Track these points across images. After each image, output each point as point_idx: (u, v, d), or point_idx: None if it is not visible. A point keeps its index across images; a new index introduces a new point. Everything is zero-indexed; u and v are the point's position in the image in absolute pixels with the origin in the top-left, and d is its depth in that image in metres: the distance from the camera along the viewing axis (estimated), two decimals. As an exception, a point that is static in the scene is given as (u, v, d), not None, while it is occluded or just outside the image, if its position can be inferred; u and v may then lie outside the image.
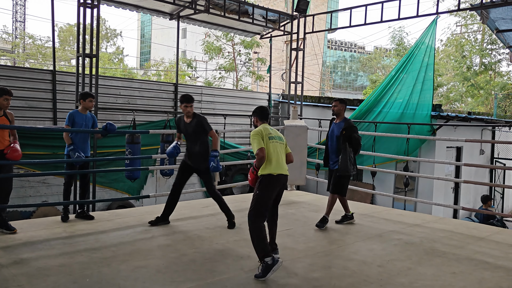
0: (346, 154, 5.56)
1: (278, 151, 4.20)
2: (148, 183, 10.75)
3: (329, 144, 5.88)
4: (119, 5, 9.99)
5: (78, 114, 5.69)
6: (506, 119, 14.44)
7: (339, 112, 5.82)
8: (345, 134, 5.59)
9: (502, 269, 4.27)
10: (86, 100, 5.70)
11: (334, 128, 5.83)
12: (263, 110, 4.40)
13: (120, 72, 34.99)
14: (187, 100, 5.50)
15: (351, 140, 5.59)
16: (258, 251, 3.89)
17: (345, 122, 5.72)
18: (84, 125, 5.71)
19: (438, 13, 9.28)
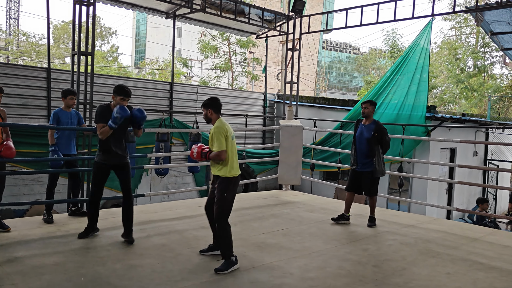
0: (380, 156, 5.66)
1: (235, 151, 4.17)
2: (143, 182, 10.72)
3: (358, 147, 5.87)
4: (115, 3, 9.95)
5: (62, 112, 5.64)
6: (499, 121, 14.55)
7: (369, 114, 5.84)
8: (377, 136, 5.64)
9: (495, 270, 4.30)
10: (67, 98, 5.66)
11: (363, 130, 5.83)
12: (217, 101, 4.23)
13: (114, 70, 34.84)
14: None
15: (382, 142, 5.66)
16: (226, 249, 4.01)
17: (375, 125, 5.75)
18: (70, 123, 5.65)
19: (433, 15, 9.33)
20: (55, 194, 5.86)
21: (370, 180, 5.79)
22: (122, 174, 4.98)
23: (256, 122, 13.51)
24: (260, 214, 6.39)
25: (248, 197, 7.90)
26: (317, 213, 6.66)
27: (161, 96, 11.27)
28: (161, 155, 8.91)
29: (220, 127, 4.09)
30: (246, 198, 7.72)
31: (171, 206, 6.80)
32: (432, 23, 10.00)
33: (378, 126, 5.71)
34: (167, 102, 11.33)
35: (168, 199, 10.41)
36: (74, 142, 5.80)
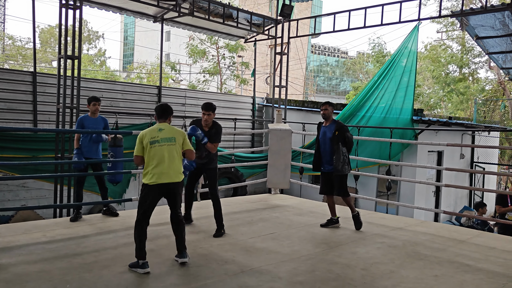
0: (340, 154, 5.66)
1: (161, 156, 4.09)
2: (131, 186, 10.61)
3: (322, 148, 5.91)
4: (102, 6, 9.89)
5: (87, 118, 5.97)
6: (485, 124, 14.75)
7: (329, 115, 5.89)
8: (338, 134, 5.68)
9: (482, 272, 4.34)
10: (90, 104, 5.97)
11: (326, 131, 5.88)
12: (160, 108, 4.33)
13: (102, 74, 34.60)
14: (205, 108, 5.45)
15: (344, 140, 5.69)
16: (136, 250, 4.04)
17: (336, 124, 5.81)
18: (94, 128, 5.94)
19: (420, 19, 9.44)
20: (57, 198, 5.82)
21: (336, 180, 5.80)
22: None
23: (245, 126, 13.50)
24: (249, 218, 6.37)
25: (237, 201, 7.88)
26: (306, 217, 6.66)
27: (149, 100, 11.21)
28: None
29: (140, 133, 4.26)
30: (235, 202, 7.69)
31: (159, 211, 6.70)
32: (419, 27, 10.11)
33: (338, 124, 5.78)
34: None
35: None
36: (98, 146, 6.07)
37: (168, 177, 4.12)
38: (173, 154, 4.14)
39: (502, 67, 12.17)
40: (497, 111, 23.16)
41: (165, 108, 4.31)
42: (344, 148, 5.72)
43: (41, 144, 8.87)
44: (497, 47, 10.30)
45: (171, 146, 4.13)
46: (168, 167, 4.11)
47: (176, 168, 4.18)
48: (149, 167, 4.11)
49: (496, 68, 19.07)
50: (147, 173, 4.13)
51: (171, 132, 4.18)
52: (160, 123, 4.26)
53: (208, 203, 7.36)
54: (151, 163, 4.09)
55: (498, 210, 7.58)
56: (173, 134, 4.18)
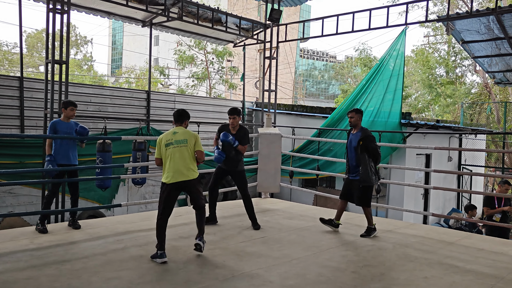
0: (366, 165, 5.56)
1: (174, 157, 4.53)
2: (120, 192, 10.53)
3: (349, 155, 5.89)
4: (90, 11, 9.83)
5: (60, 122, 5.71)
6: (472, 127, 14.94)
7: (356, 123, 5.79)
8: (362, 144, 5.59)
9: (471, 273, 4.38)
10: (68, 109, 5.73)
11: (352, 139, 5.81)
12: (176, 113, 4.82)
13: (89, 79, 34.34)
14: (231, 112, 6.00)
15: (368, 150, 5.59)
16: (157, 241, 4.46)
17: (361, 132, 5.70)
18: (67, 133, 5.68)
19: (406, 23, 9.54)
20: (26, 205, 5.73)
21: (358, 190, 5.71)
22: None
23: (235, 130, 13.48)
24: (239, 223, 6.35)
25: (228, 205, 7.86)
26: (296, 220, 6.67)
27: (138, 105, 11.15)
28: (138, 164, 8.78)
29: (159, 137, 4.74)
30: (226, 206, 7.67)
31: (149, 216, 6.69)
32: (406, 31, 10.21)
33: (363, 133, 5.66)
34: (144, 111, 11.22)
35: (146, 209, 10.25)
36: (73, 152, 5.75)
37: (182, 176, 4.52)
38: (185, 155, 4.54)
39: (488, 71, 12.35)
40: (483, 114, 23.48)
41: (181, 113, 4.78)
42: (370, 158, 5.60)
43: (28, 150, 8.76)
44: (482, 51, 10.45)
45: (183, 147, 4.54)
46: (181, 166, 4.51)
47: (188, 166, 4.55)
48: (165, 167, 4.57)
49: (482, 72, 19.34)
50: (164, 172, 4.59)
51: (184, 134, 4.61)
52: (176, 126, 4.74)
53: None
54: (166, 163, 4.56)
55: (485, 212, 7.67)
56: (186, 136, 4.60)
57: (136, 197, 10.75)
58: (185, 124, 4.77)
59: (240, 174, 6.11)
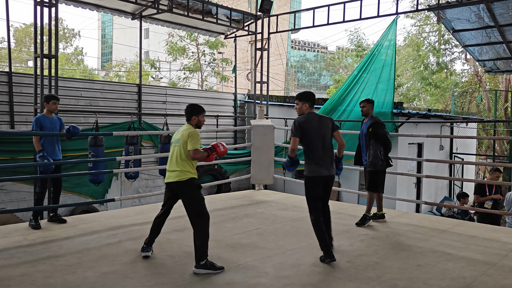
0: (374, 150, 5.71)
1: (170, 156, 4.27)
2: (113, 186, 10.50)
3: (361, 144, 6.00)
4: (78, 4, 9.70)
5: (45, 118, 5.62)
6: (463, 115, 15.05)
7: (367, 112, 5.88)
8: (371, 131, 5.70)
9: (463, 260, 4.43)
10: (50, 103, 5.62)
11: (363, 128, 5.92)
12: (185, 109, 4.39)
13: (79, 73, 34.01)
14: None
15: (377, 136, 5.68)
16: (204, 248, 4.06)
17: (371, 119, 5.81)
18: (52, 128, 5.61)
19: (397, 13, 9.55)
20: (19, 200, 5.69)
21: (368, 175, 5.84)
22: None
23: (227, 123, 13.47)
24: (233, 215, 6.36)
25: (221, 198, 7.87)
26: (290, 211, 6.70)
27: (129, 99, 11.08)
28: (130, 158, 8.75)
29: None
30: (219, 199, 7.68)
31: (143, 210, 6.68)
32: (397, 21, 10.22)
33: (373, 120, 5.79)
34: (136, 105, 11.14)
35: (140, 203, 10.22)
36: (58, 147, 5.73)
37: (169, 177, 4.23)
38: (175, 154, 4.19)
39: (478, 59, 12.42)
40: (474, 102, 23.65)
41: (188, 109, 4.35)
42: (378, 144, 5.69)
43: (19, 145, 8.68)
44: (473, 39, 10.50)
45: (176, 146, 4.22)
46: (170, 166, 4.23)
47: (174, 167, 4.17)
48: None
49: (472, 60, 19.45)
50: None
51: (181, 132, 4.24)
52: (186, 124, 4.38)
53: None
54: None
55: (476, 200, 7.76)
56: (181, 134, 4.21)
57: (129, 191, 10.72)
58: (194, 120, 4.28)
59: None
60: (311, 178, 4.42)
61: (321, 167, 4.41)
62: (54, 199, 5.85)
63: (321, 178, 4.42)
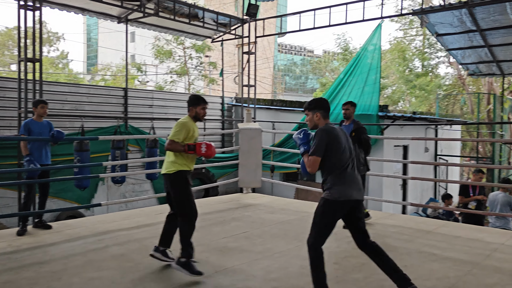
0: (357, 155, 5.59)
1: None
2: (99, 191, 10.40)
3: None
4: (63, 7, 9.60)
5: (34, 122, 5.61)
6: (447, 118, 15.28)
7: (350, 115, 5.87)
8: (354, 136, 5.64)
9: (448, 260, 4.50)
10: (38, 107, 5.62)
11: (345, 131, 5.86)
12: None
13: (64, 77, 33.65)
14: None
15: (360, 141, 5.64)
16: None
17: (354, 124, 5.77)
18: (41, 133, 5.59)
19: (382, 17, 9.65)
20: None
21: None
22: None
23: (215, 126, 13.45)
24: (221, 219, 6.36)
25: (209, 202, 7.85)
26: (278, 214, 6.71)
27: (116, 103, 11.00)
28: (117, 163, 8.68)
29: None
30: (207, 203, 7.66)
31: (129, 214, 6.64)
32: (382, 25, 10.34)
33: (356, 125, 5.75)
34: (122, 109, 11.07)
35: (126, 208, 10.14)
36: (47, 152, 5.69)
37: (162, 169, 4.13)
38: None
39: (461, 62, 12.63)
40: (458, 105, 24.02)
41: (188, 100, 4.21)
42: (361, 149, 5.66)
43: (3, 151, 8.56)
44: (456, 43, 10.68)
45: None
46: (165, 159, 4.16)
47: (165, 159, 4.11)
48: None
49: (456, 63, 19.76)
50: None
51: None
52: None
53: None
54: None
55: (460, 201, 7.87)
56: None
57: (116, 196, 10.63)
58: (192, 111, 4.15)
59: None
60: (337, 203, 3.40)
61: (350, 188, 3.43)
62: (40, 204, 5.79)
63: (349, 202, 3.44)
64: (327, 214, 3.43)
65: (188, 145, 4.00)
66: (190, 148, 4.00)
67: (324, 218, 3.44)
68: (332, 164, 3.42)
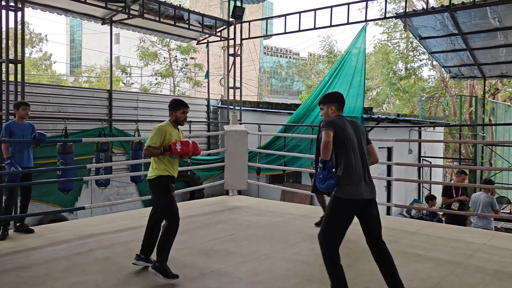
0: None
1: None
2: (83, 194, 10.26)
3: (317, 147, 5.96)
4: (46, 8, 9.49)
5: (15, 124, 5.52)
6: (430, 120, 15.50)
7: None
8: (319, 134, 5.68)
9: (432, 260, 4.56)
10: (20, 109, 5.54)
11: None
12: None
13: (47, 78, 33.17)
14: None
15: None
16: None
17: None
18: (23, 135, 5.50)
19: (366, 20, 9.77)
20: None
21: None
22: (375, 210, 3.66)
23: (200, 128, 13.41)
24: (207, 221, 6.33)
25: (195, 204, 7.81)
26: (264, 217, 6.71)
27: (100, 105, 10.88)
28: (101, 165, 8.59)
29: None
30: (193, 205, 7.62)
31: (114, 218, 6.56)
32: (366, 28, 10.45)
33: (321, 123, 5.77)
34: (106, 111, 10.95)
35: (111, 211, 10.03)
36: (29, 155, 5.61)
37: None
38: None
39: (444, 65, 12.84)
40: (440, 107, 24.38)
41: (168, 105, 4.24)
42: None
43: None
44: (438, 46, 10.86)
45: None
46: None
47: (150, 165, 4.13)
48: None
49: (439, 66, 20.07)
50: None
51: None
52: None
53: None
54: None
55: (443, 202, 7.99)
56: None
57: (100, 199, 10.50)
58: (172, 116, 4.19)
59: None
60: (348, 201, 3.37)
61: (361, 187, 3.41)
62: (22, 208, 5.69)
63: (360, 201, 3.42)
64: (335, 211, 3.43)
65: (163, 147, 3.97)
66: (165, 149, 3.97)
67: (333, 215, 3.44)
68: (340, 158, 3.41)
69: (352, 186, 3.36)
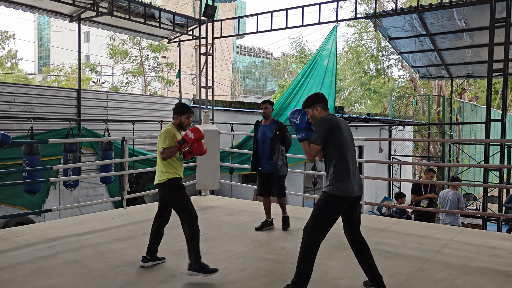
0: (280, 154, 5.58)
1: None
2: (51, 196, 9.97)
3: (260, 148, 5.79)
4: (10, 4, 9.16)
5: None
6: (400, 119, 15.83)
7: (269, 114, 5.82)
8: (278, 134, 5.60)
9: (401, 257, 4.65)
10: None
11: (265, 130, 5.74)
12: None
13: (13, 77, 32.12)
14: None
15: (285, 140, 5.64)
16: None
17: (276, 123, 5.72)
18: None
19: (337, 20, 9.89)
20: None
21: (277, 181, 5.73)
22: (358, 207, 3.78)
23: (172, 128, 13.25)
24: (178, 221, 6.24)
25: (166, 204, 7.71)
26: (236, 216, 6.70)
27: (68, 104, 10.59)
28: (69, 166, 8.38)
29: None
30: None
31: (83, 219, 6.41)
32: (337, 28, 10.58)
33: (279, 124, 5.72)
34: (75, 110, 10.68)
35: (80, 213, 9.80)
36: None
37: (155, 179, 4.26)
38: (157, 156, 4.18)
39: (413, 65, 13.14)
40: (410, 106, 24.94)
41: (173, 108, 4.36)
42: (283, 148, 5.63)
43: None
44: (407, 47, 11.10)
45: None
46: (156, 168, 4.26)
47: (157, 169, 4.23)
48: None
49: (408, 66, 20.53)
50: None
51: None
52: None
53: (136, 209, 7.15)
54: None
55: (413, 199, 8.17)
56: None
57: (68, 201, 10.23)
58: (176, 119, 4.29)
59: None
60: (340, 198, 3.45)
61: (353, 184, 3.47)
62: None
63: (351, 199, 3.50)
64: (328, 208, 3.50)
65: (177, 142, 4.07)
66: (180, 143, 4.06)
67: (325, 212, 3.51)
68: (334, 155, 3.45)
69: (345, 183, 3.42)
